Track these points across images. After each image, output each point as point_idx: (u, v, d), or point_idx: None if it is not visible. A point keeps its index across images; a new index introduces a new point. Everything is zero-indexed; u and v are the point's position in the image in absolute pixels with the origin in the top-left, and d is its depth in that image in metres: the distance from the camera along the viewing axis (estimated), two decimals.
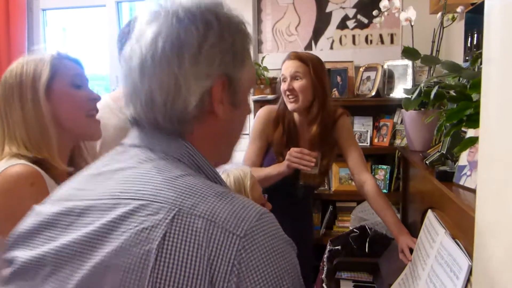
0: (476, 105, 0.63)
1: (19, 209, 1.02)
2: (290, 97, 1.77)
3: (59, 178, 1.13)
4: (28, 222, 0.73)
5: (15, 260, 0.70)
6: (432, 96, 0.82)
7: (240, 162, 1.75)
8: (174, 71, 0.67)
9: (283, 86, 1.79)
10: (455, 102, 0.71)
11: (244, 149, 1.87)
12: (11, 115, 1.09)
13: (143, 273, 0.58)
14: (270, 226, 0.62)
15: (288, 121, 1.82)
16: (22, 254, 0.69)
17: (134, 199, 0.63)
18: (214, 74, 0.69)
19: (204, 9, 0.70)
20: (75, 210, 0.68)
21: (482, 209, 0.49)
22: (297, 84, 1.75)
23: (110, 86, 3.13)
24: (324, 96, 1.79)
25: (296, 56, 1.79)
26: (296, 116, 1.85)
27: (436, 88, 0.82)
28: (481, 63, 0.94)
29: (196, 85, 0.68)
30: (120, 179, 0.68)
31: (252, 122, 1.94)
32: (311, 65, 1.76)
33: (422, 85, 0.96)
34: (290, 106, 1.78)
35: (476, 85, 0.63)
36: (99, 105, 1.52)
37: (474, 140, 0.67)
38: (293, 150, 1.67)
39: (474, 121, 0.63)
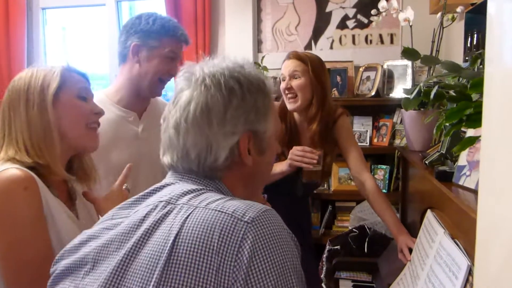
0: (476, 105, 0.63)
1: (12, 213, 1.02)
2: (289, 96, 1.78)
3: (55, 185, 1.14)
4: (75, 240, 0.83)
5: (59, 267, 0.80)
6: (432, 96, 0.82)
7: None
8: (205, 132, 0.78)
9: (282, 85, 1.80)
10: (454, 102, 0.71)
11: None
12: (15, 119, 1.10)
13: (162, 254, 0.67)
14: (274, 218, 0.70)
15: (289, 120, 1.84)
16: (66, 261, 0.80)
17: (160, 201, 0.75)
18: (240, 131, 0.80)
19: (227, 76, 0.80)
20: (117, 224, 0.79)
21: (484, 209, 0.49)
22: (295, 83, 1.76)
23: (109, 85, 3.12)
24: (324, 95, 1.80)
25: (295, 56, 1.81)
26: (296, 115, 1.86)
27: (436, 88, 0.82)
28: (480, 63, 0.94)
29: (225, 141, 0.79)
30: (152, 197, 0.80)
31: None
32: (309, 64, 1.78)
33: (421, 85, 0.96)
34: (289, 107, 1.79)
35: (476, 85, 0.63)
36: (96, 101, 1.55)
37: (473, 140, 0.67)
38: (295, 149, 1.68)
39: (474, 121, 0.63)
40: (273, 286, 0.64)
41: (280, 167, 1.71)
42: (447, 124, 0.69)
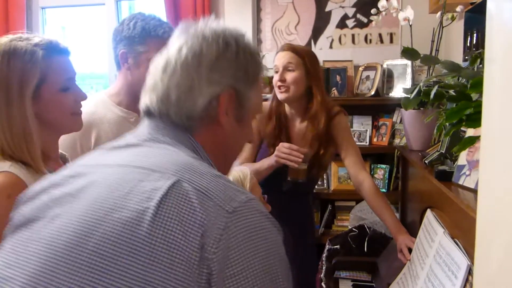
0: (476, 104, 0.63)
1: None
2: (281, 88, 1.76)
3: (52, 167, 1.12)
4: (36, 186, 0.79)
5: (20, 213, 0.76)
6: (431, 95, 0.82)
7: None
8: (191, 74, 0.78)
9: (275, 78, 1.78)
10: (454, 102, 0.71)
11: None
12: None
13: (139, 227, 0.64)
14: (256, 208, 0.69)
15: (280, 114, 1.83)
16: (26, 208, 0.76)
17: (140, 167, 0.72)
18: (224, 83, 0.80)
19: (227, 32, 0.83)
20: (82, 173, 0.76)
21: (484, 209, 0.49)
22: (289, 76, 1.74)
23: (109, 85, 3.13)
24: (321, 88, 1.79)
25: (290, 48, 1.79)
26: (287, 108, 1.85)
27: (435, 87, 0.82)
28: (480, 63, 0.94)
29: (207, 88, 0.79)
30: (129, 153, 0.77)
31: None
32: (305, 56, 1.76)
33: (421, 84, 0.96)
34: (280, 96, 1.78)
35: (476, 85, 0.63)
36: (95, 100, 1.53)
37: (473, 140, 0.67)
38: (282, 145, 1.67)
39: (474, 120, 0.63)
40: (253, 280, 0.63)
41: (267, 162, 1.71)
42: (447, 124, 0.69)
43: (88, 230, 0.66)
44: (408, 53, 0.94)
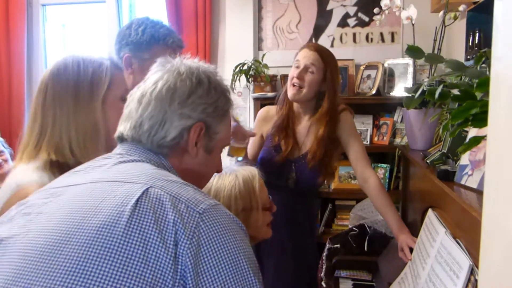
0: (482, 104, 0.63)
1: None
2: (295, 84, 1.75)
3: None
4: (11, 211, 0.82)
5: None
6: (436, 95, 0.82)
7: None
8: (164, 107, 0.85)
9: (293, 72, 1.77)
10: (459, 101, 0.71)
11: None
12: (61, 114, 1.05)
13: (116, 228, 0.67)
14: (224, 211, 0.75)
15: (289, 108, 1.84)
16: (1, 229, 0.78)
17: (112, 181, 0.77)
18: (195, 118, 0.86)
19: (200, 70, 0.90)
20: (56, 193, 0.79)
21: (489, 209, 0.48)
22: (308, 77, 1.74)
23: None
24: (335, 96, 1.79)
25: (318, 49, 1.78)
26: (295, 104, 1.85)
27: (441, 87, 0.82)
28: (483, 62, 0.93)
29: (179, 122, 0.85)
30: (100, 171, 0.82)
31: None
32: (329, 65, 1.76)
33: (425, 83, 0.95)
34: (290, 94, 1.77)
35: (482, 84, 0.63)
36: None
37: (479, 140, 0.67)
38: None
39: (479, 120, 0.63)
40: (226, 274, 0.68)
41: None
42: (453, 123, 0.68)
43: (63, 239, 0.68)
44: (413, 51, 0.94)
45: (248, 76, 2.82)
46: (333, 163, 1.84)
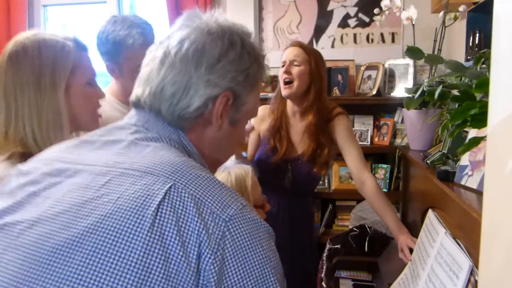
0: (481, 105, 0.63)
1: None
2: (285, 80, 1.80)
3: None
4: (12, 182, 0.74)
5: None
6: (436, 95, 0.82)
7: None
8: (190, 72, 0.74)
9: (281, 71, 1.83)
10: (459, 102, 0.71)
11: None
12: (22, 102, 1.01)
13: (136, 236, 0.60)
14: (252, 215, 0.67)
15: (281, 111, 1.88)
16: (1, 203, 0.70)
17: (130, 169, 0.67)
18: (223, 86, 0.75)
19: (233, 30, 0.78)
20: (65, 172, 0.70)
21: (489, 210, 0.48)
22: (294, 69, 1.79)
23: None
24: (321, 87, 1.83)
25: (298, 44, 1.86)
26: (289, 105, 1.88)
27: (440, 87, 0.82)
28: (483, 63, 0.94)
29: (204, 90, 0.74)
30: (115, 150, 0.71)
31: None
32: (312, 54, 1.82)
33: (425, 84, 0.96)
34: (284, 92, 1.81)
35: (481, 85, 0.63)
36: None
37: (478, 140, 0.67)
38: None
39: (479, 121, 0.63)
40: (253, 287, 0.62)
41: None
42: (452, 124, 0.69)
43: (75, 241, 0.61)
44: (412, 52, 0.94)
45: None
46: (326, 154, 1.84)
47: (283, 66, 1.84)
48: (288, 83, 1.80)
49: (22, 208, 0.68)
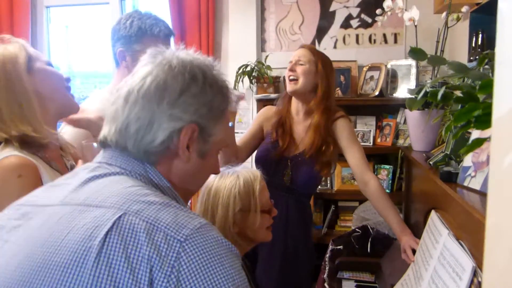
0: (485, 106, 0.63)
1: (5, 200, 1.00)
2: (290, 77, 1.85)
3: (56, 161, 1.16)
4: None
5: None
6: (439, 96, 0.82)
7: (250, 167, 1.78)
8: (152, 107, 0.75)
9: (287, 70, 1.88)
10: (462, 103, 0.71)
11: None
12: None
13: (83, 268, 0.60)
14: (211, 234, 0.65)
15: (286, 109, 1.92)
16: None
17: (82, 205, 0.68)
18: (186, 120, 0.76)
19: (195, 64, 0.79)
20: (26, 215, 0.72)
21: (493, 211, 0.48)
22: (299, 68, 1.84)
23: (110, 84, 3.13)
24: (328, 88, 1.86)
25: (307, 46, 1.92)
26: (294, 105, 1.91)
27: (443, 88, 0.82)
28: (486, 64, 0.93)
29: (168, 123, 0.76)
30: (71, 188, 0.73)
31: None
32: (319, 57, 1.87)
33: (428, 85, 0.95)
34: (289, 88, 1.86)
35: (485, 86, 0.63)
36: (100, 98, 1.56)
37: (481, 142, 0.67)
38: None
39: (482, 122, 0.63)
40: None
41: None
42: (456, 125, 0.68)
43: (27, 279, 0.62)
44: (415, 53, 0.94)
45: (251, 78, 2.83)
46: (330, 153, 1.85)
47: (289, 65, 1.89)
48: (293, 80, 1.84)
49: None
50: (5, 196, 1.00)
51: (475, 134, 1.13)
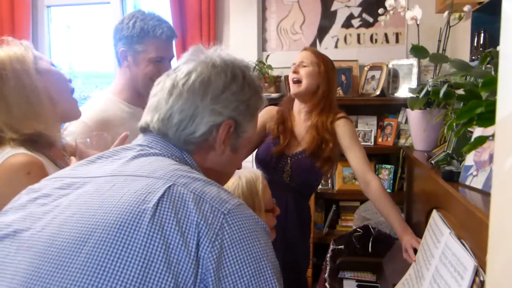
0: (488, 103, 0.62)
1: (13, 197, 1.03)
2: (294, 79, 1.86)
3: (59, 159, 1.18)
4: (22, 198, 0.80)
5: (5, 222, 0.76)
6: (441, 94, 0.81)
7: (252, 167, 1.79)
8: (196, 102, 0.82)
9: (290, 71, 1.89)
10: (464, 101, 0.71)
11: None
12: (3, 94, 1.10)
13: (138, 227, 0.65)
14: (248, 212, 0.73)
15: (288, 109, 1.94)
16: (13, 216, 0.76)
17: (132, 175, 0.74)
18: (226, 115, 0.83)
19: (235, 64, 0.86)
20: (74, 185, 0.76)
21: (497, 210, 0.48)
22: (303, 70, 1.85)
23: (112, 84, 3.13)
24: (329, 89, 1.87)
25: (310, 49, 1.94)
26: (296, 105, 1.93)
27: (445, 86, 0.81)
28: (489, 62, 0.93)
29: (209, 118, 0.82)
30: (120, 163, 0.78)
31: None
32: (321, 59, 1.88)
33: (430, 83, 0.95)
34: (292, 90, 1.87)
35: (488, 84, 0.62)
36: (103, 99, 1.57)
37: (484, 140, 0.66)
38: None
39: (485, 119, 0.63)
40: (248, 279, 0.66)
41: None
42: (458, 123, 0.68)
43: (81, 237, 0.66)
44: (417, 51, 0.93)
45: None
46: (330, 149, 1.84)
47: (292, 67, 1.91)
48: (296, 82, 1.86)
49: (32, 216, 0.74)
50: (15, 193, 1.01)
51: (478, 132, 1.12)
